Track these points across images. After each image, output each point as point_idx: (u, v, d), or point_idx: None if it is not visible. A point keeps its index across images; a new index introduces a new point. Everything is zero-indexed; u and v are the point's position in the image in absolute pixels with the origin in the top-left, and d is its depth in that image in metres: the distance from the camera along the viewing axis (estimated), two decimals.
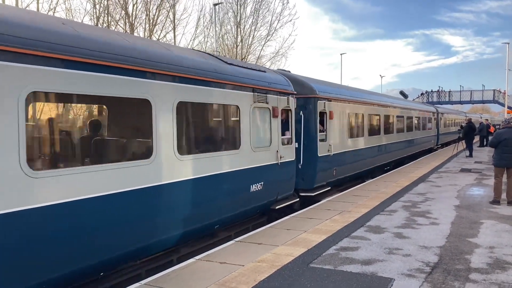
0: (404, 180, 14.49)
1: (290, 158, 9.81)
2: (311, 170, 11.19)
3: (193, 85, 6.75)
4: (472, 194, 11.82)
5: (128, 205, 5.44)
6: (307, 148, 11.05)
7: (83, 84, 4.92)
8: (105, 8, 25.57)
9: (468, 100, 55.83)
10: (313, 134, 11.30)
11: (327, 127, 11.94)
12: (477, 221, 8.58)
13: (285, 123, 9.90)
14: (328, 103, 11.98)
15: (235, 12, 34.67)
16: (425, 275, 5.55)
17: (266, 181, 8.71)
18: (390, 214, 9.20)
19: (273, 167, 9.03)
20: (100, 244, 5.13)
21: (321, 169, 11.55)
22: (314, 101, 11.36)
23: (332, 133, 12.25)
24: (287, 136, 9.88)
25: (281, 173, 9.43)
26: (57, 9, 22.69)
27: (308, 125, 11.19)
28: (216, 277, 5.56)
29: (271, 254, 6.50)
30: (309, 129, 11.18)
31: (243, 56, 34.25)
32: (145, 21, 28.35)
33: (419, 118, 24.57)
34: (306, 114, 11.16)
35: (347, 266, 5.91)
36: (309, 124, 11.20)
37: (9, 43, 4.19)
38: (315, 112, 11.33)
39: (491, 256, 6.33)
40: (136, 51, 5.73)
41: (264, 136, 8.86)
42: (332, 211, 9.58)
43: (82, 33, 5.12)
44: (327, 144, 11.90)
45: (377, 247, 6.82)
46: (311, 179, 11.19)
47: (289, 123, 9.99)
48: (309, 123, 11.22)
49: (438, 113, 30.58)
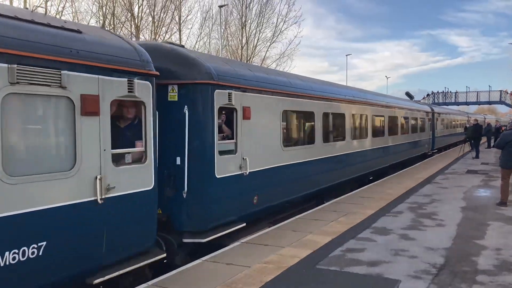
0: (410, 181, 14.44)
1: (139, 186, 5.69)
2: (203, 200, 6.98)
3: None
4: (478, 195, 11.77)
5: None
6: (195, 166, 6.86)
7: None
8: (111, 10, 25.73)
9: (474, 101, 55.52)
10: (206, 143, 6.99)
11: (238, 132, 7.72)
12: (483, 222, 8.54)
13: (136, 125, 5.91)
14: (241, 95, 7.75)
15: (240, 14, 34.78)
16: (431, 277, 5.54)
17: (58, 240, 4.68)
18: (396, 216, 9.18)
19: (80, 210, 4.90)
20: None
21: (223, 198, 7.32)
22: (208, 90, 7.02)
23: (250, 141, 7.97)
24: (138, 148, 5.81)
25: (110, 218, 5.27)
26: (64, 12, 22.86)
27: (197, 129, 6.90)
28: (222, 278, 5.58)
29: (277, 255, 6.51)
30: (198, 135, 6.92)
31: (249, 57, 34.30)
32: (151, 23, 28.52)
33: (408, 119, 20.36)
34: (193, 111, 6.89)
35: (353, 268, 5.91)
36: (198, 127, 6.92)
37: None
38: (211, 108, 7.05)
39: (498, 258, 6.31)
40: None
41: (50, 151, 4.78)
42: (337, 212, 9.57)
43: None
44: (238, 158, 7.68)
45: (383, 248, 6.81)
46: (202, 216, 6.99)
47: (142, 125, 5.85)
48: (199, 125, 6.92)
49: (433, 112, 26.57)
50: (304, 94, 10.32)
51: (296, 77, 11.18)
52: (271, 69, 11.08)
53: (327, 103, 11.63)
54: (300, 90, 10.21)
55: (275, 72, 10.96)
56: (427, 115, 24.93)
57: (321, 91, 11.45)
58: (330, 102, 11.84)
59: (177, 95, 6.92)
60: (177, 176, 6.87)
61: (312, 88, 11.05)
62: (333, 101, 12.06)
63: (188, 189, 6.81)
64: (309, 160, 10.37)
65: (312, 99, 10.71)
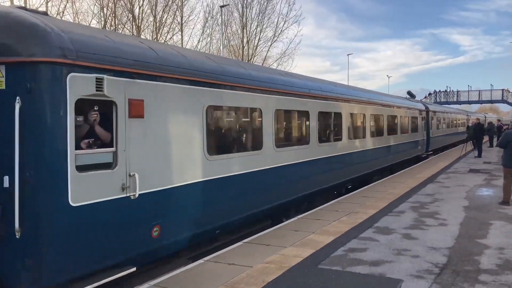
0: (412, 180, 14.41)
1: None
2: (44, 242, 4.62)
3: None
4: (481, 195, 11.74)
5: None
6: (33, 188, 4.56)
7: None
8: (112, 11, 25.76)
9: (476, 100, 55.44)
10: (52, 152, 4.63)
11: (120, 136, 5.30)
12: (486, 222, 8.52)
13: None
14: (125, 82, 5.34)
15: (241, 14, 34.78)
16: (434, 276, 5.52)
17: None
18: (398, 215, 9.16)
19: None
20: None
21: (85, 236, 4.90)
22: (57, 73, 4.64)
23: (144, 149, 5.63)
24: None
25: None
26: (65, 13, 22.91)
27: (36, 132, 4.58)
28: (224, 278, 5.58)
29: (279, 255, 6.50)
30: (37, 142, 4.59)
31: (250, 57, 34.31)
32: (152, 24, 28.54)
33: (397, 118, 18.21)
34: (29, 105, 4.56)
35: (356, 267, 5.90)
36: (38, 128, 4.58)
37: None
38: (62, 100, 4.68)
39: (500, 257, 6.29)
40: None
41: None
42: (339, 212, 9.55)
43: None
44: (119, 174, 5.28)
45: (385, 248, 6.80)
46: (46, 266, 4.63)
47: None
48: (39, 126, 4.59)
49: (428, 111, 24.60)
50: (240, 85, 7.65)
51: (228, 63, 8.22)
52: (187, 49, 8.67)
53: (281, 98, 8.98)
54: (233, 79, 7.51)
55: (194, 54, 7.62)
56: (421, 113, 22.77)
57: (269, 82, 8.66)
58: (284, 97, 9.09)
59: (4, 80, 4.61)
60: (5, 205, 4.58)
61: (252, 77, 8.16)
62: (285, 95, 9.17)
63: (21, 224, 4.50)
64: (251, 172, 7.82)
65: (252, 91, 7.99)
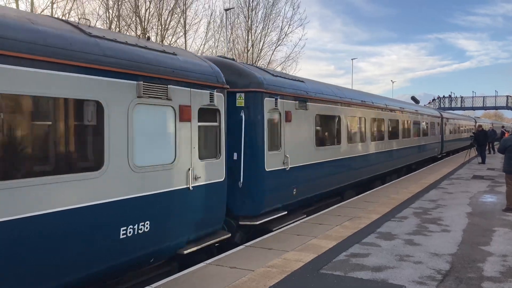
0: (415, 186, 14.37)
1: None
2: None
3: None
4: (484, 201, 11.69)
5: None
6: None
7: None
8: (117, 13, 25.86)
9: (480, 106, 55.24)
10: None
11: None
12: (489, 228, 8.48)
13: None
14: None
15: (246, 17, 34.85)
16: (436, 283, 5.50)
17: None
18: (401, 221, 9.13)
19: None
20: None
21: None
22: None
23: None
24: None
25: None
26: (70, 14, 23.00)
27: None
28: (226, 281, 5.58)
29: (281, 259, 6.50)
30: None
31: (254, 60, 34.35)
32: (157, 26, 28.62)
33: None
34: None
35: (358, 273, 5.88)
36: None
37: None
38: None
39: (504, 265, 6.25)
40: None
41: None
42: (342, 217, 9.53)
43: None
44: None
45: (388, 253, 6.77)
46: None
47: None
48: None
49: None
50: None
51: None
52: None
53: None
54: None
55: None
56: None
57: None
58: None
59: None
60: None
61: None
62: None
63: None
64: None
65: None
